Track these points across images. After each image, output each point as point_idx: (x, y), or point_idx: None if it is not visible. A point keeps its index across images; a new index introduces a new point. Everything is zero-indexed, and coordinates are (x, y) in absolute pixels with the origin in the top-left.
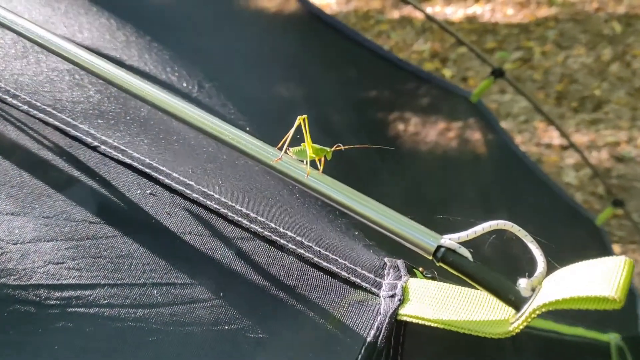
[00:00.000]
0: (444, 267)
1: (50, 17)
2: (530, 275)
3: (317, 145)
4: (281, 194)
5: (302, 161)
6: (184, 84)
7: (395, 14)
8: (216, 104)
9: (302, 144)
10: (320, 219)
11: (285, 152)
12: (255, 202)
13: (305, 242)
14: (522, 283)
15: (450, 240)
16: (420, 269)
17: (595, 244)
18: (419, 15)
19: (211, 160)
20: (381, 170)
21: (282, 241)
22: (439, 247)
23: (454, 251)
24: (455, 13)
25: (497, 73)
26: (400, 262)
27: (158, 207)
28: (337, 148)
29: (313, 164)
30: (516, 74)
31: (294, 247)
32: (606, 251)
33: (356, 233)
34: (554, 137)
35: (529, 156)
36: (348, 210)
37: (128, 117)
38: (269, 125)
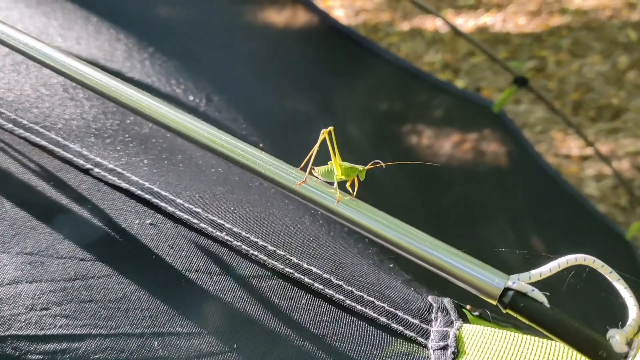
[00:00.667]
0: (513, 314)
1: (45, 27)
2: (623, 325)
3: (347, 164)
4: (302, 220)
5: (331, 183)
6: (191, 97)
7: (405, 26)
8: (226, 119)
9: (329, 163)
10: (349, 249)
11: (310, 173)
12: (273, 232)
13: (334, 281)
14: (615, 335)
15: (519, 280)
16: (468, 307)
17: (625, 260)
18: (429, 26)
19: (221, 182)
20: (400, 185)
21: (306, 280)
22: (506, 289)
23: (525, 295)
24: (465, 23)
25: (520, 81)
26: (447, 302)
27: (159, 239)
28: (376, 165)
29: (342, 185)
30: (532, 82)
31: (320, 286)
32: (637, 268)
33: (391, 265)
34: (572, 148)
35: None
36: (392, 246)
37: (127, 135)
38: (284, 142)
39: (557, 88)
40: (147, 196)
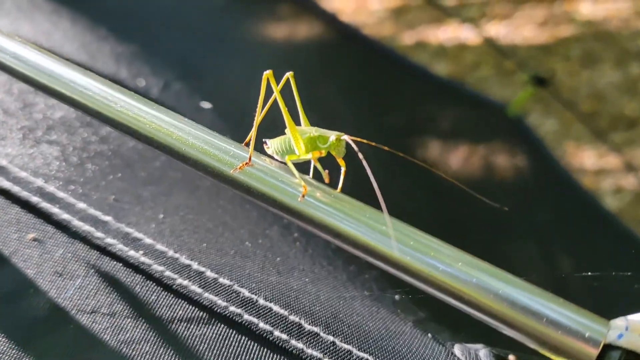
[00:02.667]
0: None
1: None
2: None
3: (313, 130)
4: (268, 233)
5: (294, 164)
6: (143, 83)
7: (408, 39)
8: (184, 106)
9: (286, 131)
10: (333, 274)
11: (261, 149)
12: (217, 251)
13: (306, 326)
14: None
15: (629, 331)
16: (511, 357)
17: None
18: (432, 39)
19: (154, 180)
20: (407, 194)
21: (261, 325)
22: (606, 347)
23: None
24: (471, 35)
25: (538, 81)
26: (484, 355)
27: (44, 263)
28: (355, 138)
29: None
30: (540, 94)
31: (284, 335)
32: None
33: (397, 298)
34: (587, 160)
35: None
36: (399, 270)
37: (24, 114)
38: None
39: (568, 99)
40: (35, 199)
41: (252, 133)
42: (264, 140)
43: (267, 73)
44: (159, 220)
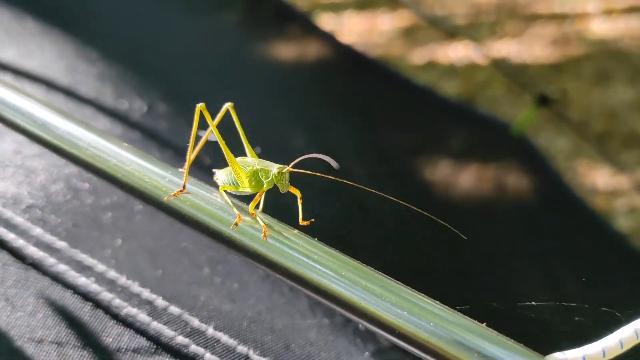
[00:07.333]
0: None
1: None
2: None
3: (256, 163)
4: (229, 258)
5: (236, 196)
6: (125, 105)
7: (418, 59)
8: (165, 130)
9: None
10: (294, 302)
11: (208, 178)
12: (171, 278)
13: (255, 357)
14: None
15: None
16: None
17: None
18: (442, 58)
19: (119, 204)
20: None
21: (207, 356)
22: None
23: None
24: (480, 54)
25: (542, 100)
26: None
27: None
28: (296, 169)
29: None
30: (547, 114)
31: None
32: None
33: (360, 326)
34: (599, 180)
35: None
36: (350, 312)
37: None
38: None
39: (580, 117)
40: None
41: (187, 163)
42: (213, 170)
43: (200, 106)
44: (116, 246)
